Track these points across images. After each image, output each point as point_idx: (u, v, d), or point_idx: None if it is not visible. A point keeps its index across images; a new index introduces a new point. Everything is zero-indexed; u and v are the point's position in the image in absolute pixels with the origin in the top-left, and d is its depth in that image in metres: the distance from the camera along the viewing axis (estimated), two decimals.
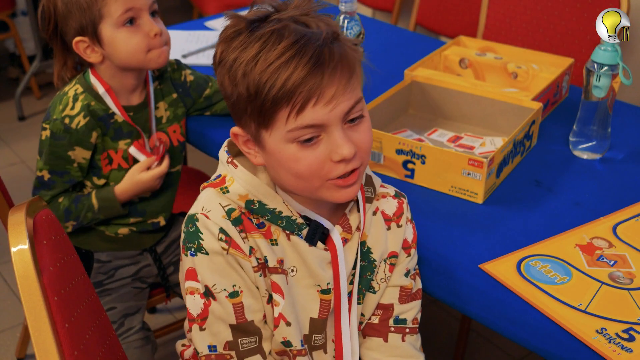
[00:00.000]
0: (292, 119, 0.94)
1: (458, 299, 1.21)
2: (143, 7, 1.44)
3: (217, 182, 1.05)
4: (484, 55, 1.82)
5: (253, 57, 0.93)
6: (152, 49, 1.45)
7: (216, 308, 1.04)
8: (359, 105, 0.97)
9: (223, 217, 1.02)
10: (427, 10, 2.75)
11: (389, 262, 1.15)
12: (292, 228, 1.05)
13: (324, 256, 1.08)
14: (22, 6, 3.52)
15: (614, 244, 1.26)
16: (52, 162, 1.48)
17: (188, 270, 1.04)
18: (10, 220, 0.93)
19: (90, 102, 1.47)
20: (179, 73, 1.63)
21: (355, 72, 0.97)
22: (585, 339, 1.06)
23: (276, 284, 1.06)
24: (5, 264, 2.45)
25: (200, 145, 1.67)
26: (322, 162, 0.97)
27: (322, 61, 0.92)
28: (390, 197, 1.16)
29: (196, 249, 1.02)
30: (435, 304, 2.29)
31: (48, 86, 3.72)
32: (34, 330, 0.87)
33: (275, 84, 0.92)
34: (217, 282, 1.03)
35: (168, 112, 1.59)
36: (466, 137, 1.60)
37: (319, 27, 0.95)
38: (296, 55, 0.91)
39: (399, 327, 1.17)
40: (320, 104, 0.93)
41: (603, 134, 1.52)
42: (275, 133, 0.96)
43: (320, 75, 0.92)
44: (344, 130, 0.97)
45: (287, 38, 0.92)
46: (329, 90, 0.93)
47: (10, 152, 3.14)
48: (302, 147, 0.96)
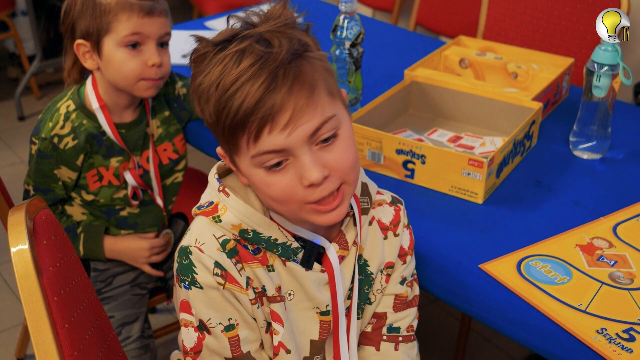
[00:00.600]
0: (251, 145, 0.91)
1: (458, 299, 1.21)
2: (151, 35, 1.42)
3: (209, 211, 1.01)
4: (484, 55, 1.82)
5: (213, 82, 0.91)
6: (144, 78, 1.43)
7: (210, 342, 1.02)
8: (328, 124, 0.92)
9: (218, 250, 0.99)
10: (427, 10, 2.75)
11: (385, 273, 1.13)
12: (287, 255, 1.02)
13: (321, 278, 1.05)
14: (22, 6, 3.52)
15: (614, 244, 1.26)
16: (37, 179, 1.49)
17: (182, 302, 1.02)
18: (10, 220, 0.93)
19: (82, 121, 1.46)
20: (172, 87, 1.61)
21: (317, 90, 0.91)
22: (585, 339, 1.05)
23: (275, 313, 1.04)
24: (5, 264, 2.45)
25: (200, 145, 1.67)
26: (294, 187, 0.93)
27: (275, 85, 0.88)
28: (387, 204, 1.14)
29: (190, 283, 0.99)
30: (435, 304, 2.29)
31: (48, 86, 3.72)
32: (33, 331, 0.87)
33: (230, 111, 0.89)
34: (212, 316, 1.00)
35: (160, 130, 1.57)
36: (466, 137, 1.60)
37: (281, 45, 0.90)
38: (250, 79, 0.88)
39: (391, 336, 1.15)
40: (276, 130, 0.89)
41: (603, 134, 1.52)
42: (243, 158, 0.94)
43: (272, 101, 0.88)
44: (313, 153, 0.92)
45: (245, 60, 0.89)
46: (284, 115, 0.89)
47: (10, 152, 3.14)
48: (270, 172, 0.92)
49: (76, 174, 1.49)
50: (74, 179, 1.49)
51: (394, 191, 1.19)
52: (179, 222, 1.72)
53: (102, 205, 1.54)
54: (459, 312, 1.98)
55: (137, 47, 1.42)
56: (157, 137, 1.57)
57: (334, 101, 0.95)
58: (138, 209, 1.59)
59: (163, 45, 1.46)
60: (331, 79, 0.95)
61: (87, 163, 1.49)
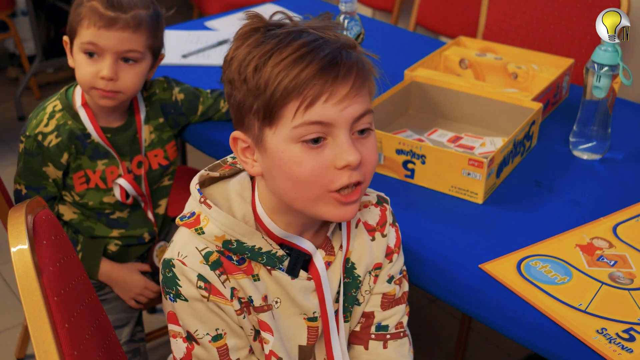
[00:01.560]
0: (300, 113, 0.90)
1: (458, 299, 1.20)
2: (107, 49, 1.38)
3: (191, 222, 1.00)
4: (484, 55, 1.82)
5: (267, 52, 0.91)
6: (95, 88, 1.41)
7: (199, 352, 1.02)
8: (368, 116, 0.94)
9: (201, 263, 0.98)
10: (427, 10, 2.75)
11: (374, 274, 1.12)
12: (273, 263, 1.01)
13: (308, 286, 1.04)
14: (22, 6, 3.52)
15: (614, 244, 1.26)
16: (28, 177, 1.48)
17: (169, 313, 1.02)
18: (10, 220, 0.93)
19: (67, 121, 1.46)
20: (169, 93, 1.58)
21: (369, 82, 0.95)
22: (585, 339, 1.05)
23: (264, 322, 1.03)
24: (5, 264, 2.45)
25: (200, 145, 1.67)
26: (326, 168, 0.92)
27: (337, 61, 0.90)
28: (372, 205, 1.13)
29: (175, 295, 0.99)
30: (435, 304, 2.29)
31: (48, 86, 3.72)
32: (33, 330, 0.87)
33: (288, 75, 0.89)
34: (198, 327, 1.00)
35: (153, 136, 1.56)
36: (466, 137, 1.60)
37: (336, 36, 0.93)
38: (311, 52, 0.89)
39: (379, 334, 1.14)
40: (331, 101, 0.90)
41: (603, 134, 1.52)
42: (280, 131, 0.92)
43: (335, 73, 0.89)
44: (351, 138, 0.94)
45: (304, 38, 0.91)
46: (342, 89, 0.90)
47: (10, 152, 3.14)
48: (307, 148, 0.92)
49: (61, 172, 1.48)
50: (61, 177, 1.49)
51: (394, 191, 1.19)
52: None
53: (92, 207, 1.53)
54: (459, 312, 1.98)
55: (93, 57, 1.40)
56: (149, 143, 1.56)
57: (371, 99, 0.97)
58: (128, 213, 1.58)
59: (128, 61, 1.41)
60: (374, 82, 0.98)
61: (75, 164, 1.48)
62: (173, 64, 1.93)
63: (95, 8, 1.37)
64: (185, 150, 2.34)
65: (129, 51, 1.40)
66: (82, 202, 1.52)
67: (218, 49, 2.05)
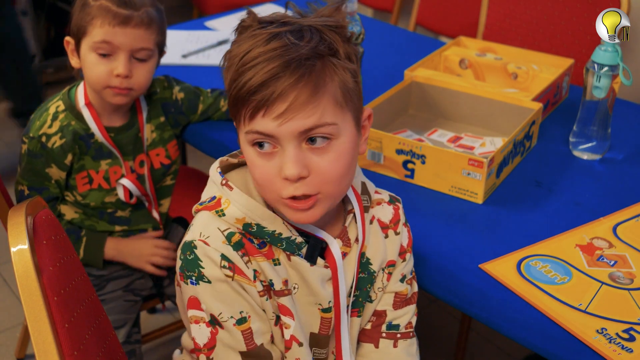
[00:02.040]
0: (246, 121, 0.93)
1: (458, 299, 1.20)
2: (122, 47, 1.39)
3: (212, 205, 1.01)
4: (484, 55, 1.82)
5: (239, 53, 0.94)
6: (109, 86, 1.41)
7: (224, 336, 1.01)
8: (322, 129, 0.92)
9: (223, 243, 0.99)
10: (427, 10, 2.75)
11: (387, 271, 1.13)
12: (292, 249, 1.02)
13: (325, 274, 1.05)
14: (22, 6, 3.52)
15: (614, 244, 1.26)
16: (30, 178, 1.48)
17: (190, 299, 1.01)
18: (10, 220, 0.93)
19: (70, 121, 1.46)
20: (170, 91, 1.58)
21: (322, 92, 0.92)
22: (585, 339, 1.05)
23: (285, 306, 1.04)
24: (5, 264, 2.45)
25: (200, 145, 1.67)
26: (274, 176, 0.94)
27: (283, 73, 0.90)
28: (385, 203, 1.14)
29: (197, 278, 0.98)
30: (435, 304, 2.29)
31: (48, 86, 3.71)
32: (33, 330, 0.87)
33: (238, 84, 0.92)
34: (222, 310, 1.00)
35: (154, 135, 1.56)
36: (466, 137, 1.60)
37: (310, 41, 0.92)
38: (265, 61, 0.91)
39: (390, 333, 1.15)
40: (269, 116, 0.91)
41: (603, 135, 1.52)
42: (240, 132, 0.97)
43: (274, 87, 0.90)
44: (299, 149, 0.93)
45: (272, 43, 0.92)
46: (280, 105, 0.90)
47: (10, 152, 3.14)
48: (259, 154, 0.95)
49: (65, 173, 1.48)
50: (64, 178, 1.49)
51: (393, 191, 1.19)
52: (179, 228, 1.70)
53: (94, 207, 1.53)
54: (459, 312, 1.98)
55: (107, 56, 1.40)
56: (151, 142, 1.56)
57: (341, 112, 0.95)
58: (130, 212, 1.58)
59: (140, 60, 1.42)
60: (344, 90, 0.95)
61: (78, 165, 1.48)
62: (173, 64, 1.93)
63: (106, 7, 1.37)
64: (185, 150, 2.34)
65: (142, 49, 1.41)
66: (84, 202, 1.52)
67: (218, 49, 2.05)
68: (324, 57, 0.93)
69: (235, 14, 2.30)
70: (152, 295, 1.66)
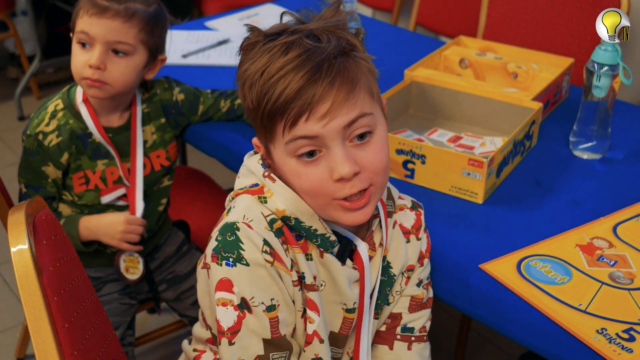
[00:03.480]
0: (286, 131, 0.94)
1: (458, 299, 1.21)
2: (97, 38, 1.38)
3: (255, 190, 1.02)
4: (484, 55, 1.82)
5: (259, 69, 0.94)
6: (84, 77, 1.41)
7: (251, 321, 1.00)
8: (362, 120, 0.95)
9: (266, 228, 0.99)
10: (427, 10, 2.75)
11: (406, 275, 1.15)
12: (326, 246, 1.03)
13: (353, 275, 1.06)
14: (22, 6, 3.52)
15: (614, 244, 1.26)
16: (28, 176, 1.48)
17: (221, 280, 0.99)
18: (10, 220, 0.93)
19: (68, 120, 1.45)
20: (170, 93, 1.58)
21: (358, 87, 0.95)
22: (585, 339, 1.05)
23: (312, 301, 1.04)
24: (5, 264, 2.45)
25: (200, 145, 1.67)
26: (324, 181, 0.95)
27: (318, 76, 0.91)
28: (408, 209, 1.16)
29: (235, 259, 0.98)
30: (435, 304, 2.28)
31: (48, 86, 3.72)
32: (33, 330, 0.87)
33: (271, 97, 0.92)
34: (255, 294, 0.99)
35: (155, 136, 1.55)
36: (466, 137, 1.60)
37: (329, 41, 0.94)
38: (294, 69, 0.91)
39: (405, 336, 1.16)
40: (313, 119, 0.92)
41: (603, 134, 1.52)
42: (278, 145, 0.96)
43: (313, 91, 0.91)
44: (346, 148, 0.95)
45: (292, 51, 0.92)
46: (323, 106, 0.92)
47: (10, 152, 3.14)
48: (303, 162, 0.95)
49: (61, 172, 1.47)
50: (61, 177, 1.48)
51: None
52: (179, 233, 1.70)
53: (90, 206, 1.53)
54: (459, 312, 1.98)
55: (85, 47, 1.40)
56: (152, 144, 1.55)
57: (373, 102, 0.98)
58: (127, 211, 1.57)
59: (118, 53, 1.40)
60: (373, 80, 0.99)
61: (75, 164, 1.48)
62: (173, 64, 1.93)
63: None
64: (185, 150, 2.34)
65: (119, 42, 1.39)
66: (80, 202, 1.51)
67: (218, 49, 2.05)
68: (348, 53, 0.95)
69: (236, 14, 2.30)
70: (148, 298, 1.66)
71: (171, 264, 1.66)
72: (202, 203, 1.87)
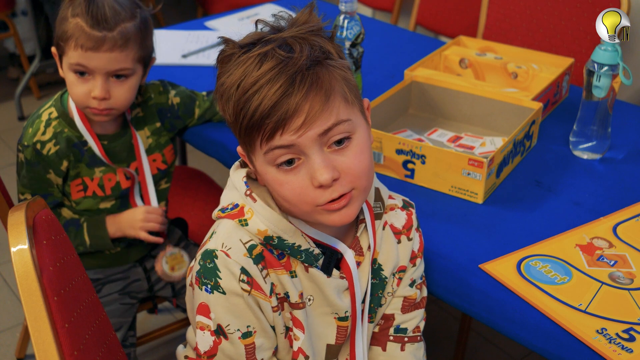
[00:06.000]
0: (263, 143, 0.93)
1: (458, 299, 1.21)
2: (97, 70, 1.37)
3: (234, 213, 1.02)
4: (484, 55, 1.82)
5: (234, 83, 0.93)
6: (88, 107, 1.41)
7: (226, 347, 1.02)
8: (339, 127, 0.93)
9: (244, 256, 0.99)
10: (427, 10, 2.75)
11: (398, 276, 1.14)
12: (310, 261, 1.03)
13: (341, 284, 1.06)
14: (22, 6, 3.52)
15: (614, 244, 1.26)
16: (34, 186, 1.47)
17: (201, 304, 1.01)
18: (10, 220, 0.93)
19: (63, 128, 1.45)
20: (165, 96, 1.57)
21: (333, 96, 0.93)
22: (585, 339, 1.05)
23: (297, 319, 1.04)
24: (5, 264, 2.45)
25: (200, 145, 1.67)
26: (305, 188, 0.94)
27: (292, 90, 0.90)
28: (399, 209, 1.15)
29: (213, 287, 0.99)
30: (435, 304, 2.29)
31: (48, 86, 3.72)
32: (33, 330, 0.87)
33: (247, 113, 0.92)
34: (231, 322, 1.00)
35: (150, 140, 1.55)
36: (466, 137, 1.60)
37: (302, 51, 0.92)
38: (268, 83, 0.91)
39: (398, 337, 1.16)
40: (288, 132, 0.92)
41: (603, 134, 1.52)
42: (258, 156, 0.96)
43: (287, 105, 0.90)
44: (324, 154, 0.94)
45: (266, 63, 0.92)
46: (297, 119, 0.91)
47: (10, 152, 3.14)
48: (283, 171, 0.95)
49: (61, 179, 1.48)
50: (61, 184, 1.48)
51: (393, 191, 1.19)
52: (176, 231, 1.70)
53: (90, 211, 1.52)
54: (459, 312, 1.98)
55: (84, 76, 1.39)
56: (147, 148, 1.55)
57: (350, 107, 0.96)
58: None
59: (119, 77, 1.40)
60: (349, 86, 0.97)
61: (74, 172, 1.47)
62: (173, 64, 1.93)
63: (80, 27, 1.34)
64: (185, 150, 2.34)
65: (119, 70, 1.39)
66: (78, 208, 1.52)
67: (218, 49, 2.05)
68: (321, 62, 0.94)
69: (235, 14, 2.30)
70: (148, 297, 1.66)
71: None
72: (202, 203, 1.87)
